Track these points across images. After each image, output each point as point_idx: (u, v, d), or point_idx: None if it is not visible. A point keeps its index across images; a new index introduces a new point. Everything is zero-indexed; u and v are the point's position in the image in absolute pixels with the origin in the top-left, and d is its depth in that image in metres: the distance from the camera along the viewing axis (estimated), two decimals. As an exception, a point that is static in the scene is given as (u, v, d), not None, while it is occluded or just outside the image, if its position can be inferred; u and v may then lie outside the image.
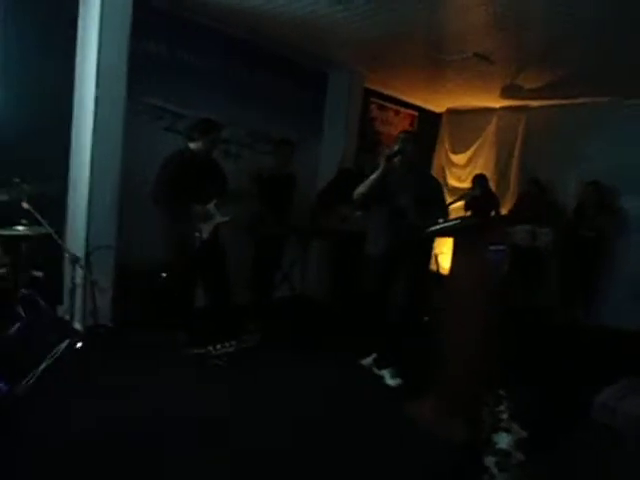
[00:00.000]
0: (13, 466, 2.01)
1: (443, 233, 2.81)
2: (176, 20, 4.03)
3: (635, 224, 5.01)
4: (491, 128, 6.24)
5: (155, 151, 3.50)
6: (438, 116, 6.82)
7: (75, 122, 3.62)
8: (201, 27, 4.20)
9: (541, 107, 5.74)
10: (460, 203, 5.48)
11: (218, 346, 3.32)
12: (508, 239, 4.69)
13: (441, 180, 6.39)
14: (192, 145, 3.34)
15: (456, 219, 2.62)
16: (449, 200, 5.44)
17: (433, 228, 2.46)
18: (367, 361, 3.45)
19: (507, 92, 5.47)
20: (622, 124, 5.05)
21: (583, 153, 5.29)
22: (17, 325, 2.89)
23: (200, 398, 2.76)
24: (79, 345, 2.83)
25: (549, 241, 4.85)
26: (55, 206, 3.41)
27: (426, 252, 4.76)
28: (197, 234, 3.29)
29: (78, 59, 3.55)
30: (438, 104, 6.56)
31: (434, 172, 6.68)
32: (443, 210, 3.41)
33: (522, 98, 5.63)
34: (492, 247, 2.42)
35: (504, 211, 5.69)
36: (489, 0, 3.23)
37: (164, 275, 3.61)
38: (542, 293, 5.23)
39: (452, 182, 6.54)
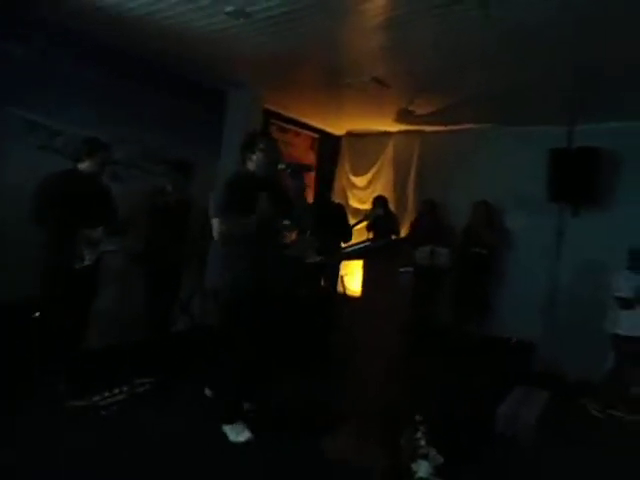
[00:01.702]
0: None
1: (352, 256, 2.72)
2: (55, 26, 3.60)
3: (519, 240, 5.43)
4: (389, 151, 6.45)
5: (27, 172, 3.08)
6: (338, 139, 6.92)
7: None
8: (85, 36, 3.79)
9: (433, 132, 6.06)
10: (362, 224, 5.57)
11: (106, 394, 2.89)
12: (412, 260, 4.83)
13: (343, 201, 6.48)
14: (80, 166, 3.10)
15: (364, 242, 2.55)
16: (353, 221, 5.53)
17: (344, 251, 2.35)
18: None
19: (401, 117, 5.72)
20: (503, 148, 5.49)
21: (471, 175, 5.65)
22: None
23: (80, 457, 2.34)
24: None
25: (447, 260, 5.05)
26: None
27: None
28: (78, 260, 2.92)
29: None
30: (338, 127, 6.66)
31: (335, 193, 6.74)
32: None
33: (415, 123, 5.91)
34: (401, 269, 2.39)
35: (403, 231, 5.86)
36: (387, 26, 3.31)
37: (37, 314, 3.09)
38: (440, 310, 5.42)
39: (354, 203, 6.63)
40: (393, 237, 5.17)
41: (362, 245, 2.47)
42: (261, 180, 2.78)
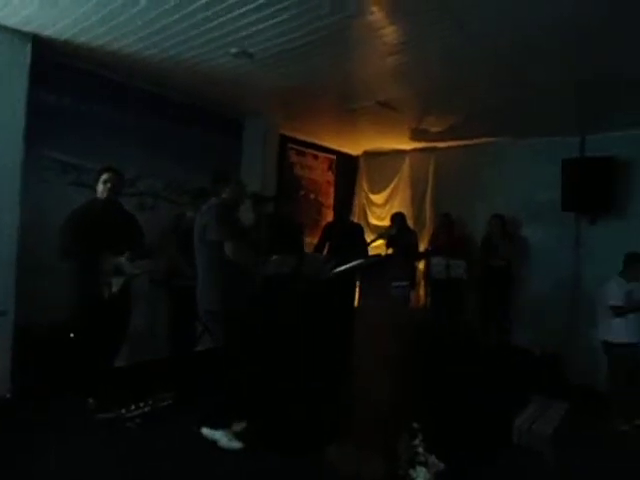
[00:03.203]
0: None
1: (350, 273, 2.88)
2: (81, 73, 4.00)
3: (538, 251, 5.42)
4: (405, 168, 6.60)
5: (62, 207, 3.39)
6: (355, 159, 7.12)
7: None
8: (109, 80, 4.19)
9: (447, 148, 6.17)
10: (381, 241, 5.71)
11: (132, 407, 3.14)
12: (415, 273, 4.91)
13: (362, 219, 6.65)
14: (97, 194, 3.34)
15: (359, 260, 2.71)
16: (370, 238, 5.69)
17: (339, 269, 2.52)
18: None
19: (415, 135, 5.88)
20: (518, 160, 5.54)
21: (487, 188, 5.71)
22: None
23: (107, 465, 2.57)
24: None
25: (463, 272, 5.11)
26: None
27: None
28: (106, 288, 3.17)
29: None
30: (354, 148, 6.87)
31: (355, 212, 6.91)
32: None
33: (429, 140, 6.05)
34: (395, 284, 2.52)
35: (422, 246, 5.96)
36: (392, 52, 3.45)
37: (72, 335, 3.39)
38: (461, 322, 5.46)
39: (373, 221, 6.78)
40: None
41: (355, 263, 2.61)
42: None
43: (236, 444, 2.87)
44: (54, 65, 3.76)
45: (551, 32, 2.99)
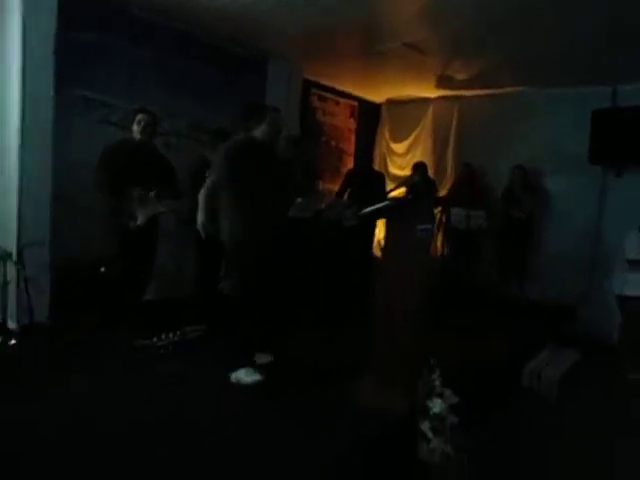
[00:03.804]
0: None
1: (375, 216, 2.93)
2: (107, 9, 3.94)
3: (561, 203, 5.39)
4: (428, 117, 6.48)
5: (90, 143, 3.48)
6: (378, 106, 7.00)
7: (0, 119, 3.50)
8: (134, 17, 4.11)
9: (472, 97, 6.02)
10: (401, 189, 5.71)
11: (163, 336, 3.33)
12: (439, 220, 4.94)
13: (382, 168, 6.62)
14: (133, 134, 3.40)
15: (385, 202, 2.75)
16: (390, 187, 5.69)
17: (365, 211, 2.57)
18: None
19: (441, 82, 5.74)
20: (544, 110, 5.41)
21: (511, 139, 5.62)
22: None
23: (144, 386, 2.78)
24: (13, 343, 2.75)
25: (482, 223, 5.13)
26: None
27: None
28: (132, 220, 3.30)
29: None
30: (377, 95, 6.73)
31: (376, 160, 6.87)
32: None
33: (455, 88, 5.90)
34: (419, 227, 2.57)
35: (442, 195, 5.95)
36: None
37: (103, 270, 3.55)
38: (479, 271, 5.54)
39: (393, 170, 6.75)
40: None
41: (382, 204, 2.66)
42: (264, 146, 3.02)
43: (256, 376, 2.89)
44: (80, 2, 3.70)
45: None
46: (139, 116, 3.38)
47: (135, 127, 3.38)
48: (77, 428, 2.29)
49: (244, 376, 2.90)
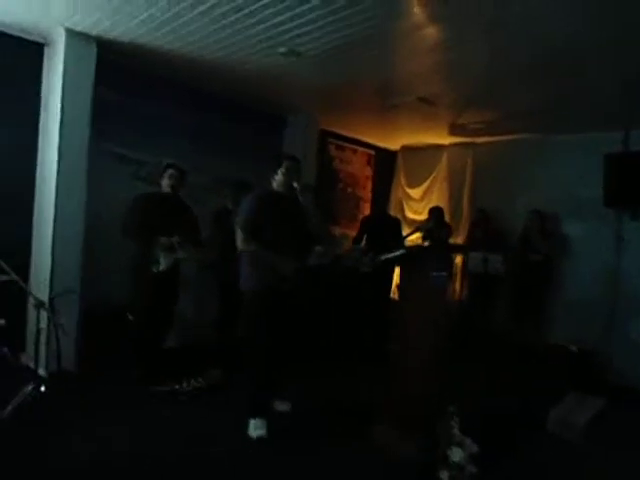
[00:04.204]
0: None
1: (391, 263, 3.01)
2: (139, 72, 4.28)
3: (577, 247, 5.40)
4: (443, 163, 6.64)
5: (121, 194, 3.72)
6: (393, 153, 7.21)
7: (39, 171, 3.78)
8: (163, 78, 4.47)
9: (486, 142, 6.18)
10: (417, 235, 5.80)
11: (184, 383, 3.41)
12: (454, 265, 4.98)
13: (399, 213, 6.75)
14: (162, 185, 3.64)
15: (401, 250, 2.84)
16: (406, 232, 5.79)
17: (381, 258, 2.66)
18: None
19: (454, 131, 5.93)
20: (558, 156, 5.51)
21: (526, 183, 5.71)
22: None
23: (162, 433, 2.85)
24: (43, 389, 2.86)
25: (500, 267, 5.15)
26: (19, 251, 3.52)
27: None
28: (155, 265, 3.46)
29: (42, 113, 3.73)
30: (393, 142, 6.95)
31: (392, 205, 7.02)
32: None
33: (468, 135, 6.08)
34: (434, 273, 2.65)
35: (459, 240, 6.02)
36: (432, 50, 3.55)
37: (130, 317, 3.68)
38: (497, 316, 5.50)
39: (410, 215, 6.86)
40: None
41: (398, 252, 2.74)
42: (280, 196, 3.10)
43: (259, 432, 2.88)
44: (114, 65, 4.02)
45: (594, 30, 3.03)
46: (169, 171, 3.61)
47: (165, 181, 3.60)
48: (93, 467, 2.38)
49: (251, 429, 2.91)
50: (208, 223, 4.09)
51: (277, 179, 3.09)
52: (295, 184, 3.02)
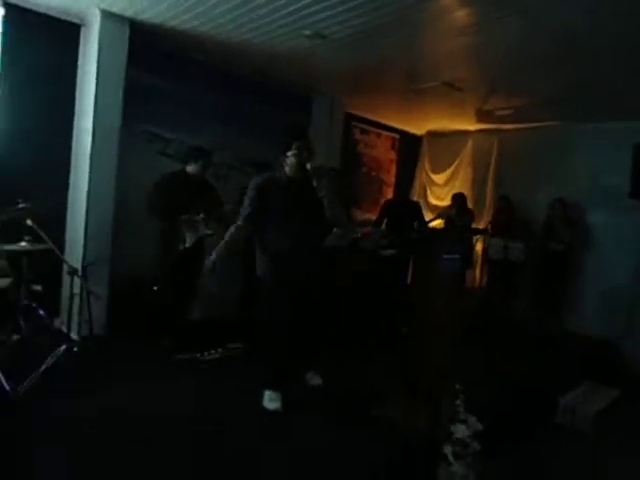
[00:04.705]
0: (15, 461, 2.21)
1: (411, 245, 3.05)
2: (168, 53, 4.41)
3: (601, 236, 5.34)
4: (467, 149, 6.61)
5: (148, 171, 3.87)
6: (418, 138, 7.19)
7: (74, 148, 3.98)
8: (192, 60, 4.58)
9: (512, 130, 6.11)
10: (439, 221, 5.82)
11: (205, 353, 3.59)
12: (472, 252, 4.99)
13: (422, 198, 6.76)
14: (188, 168, 3.76)
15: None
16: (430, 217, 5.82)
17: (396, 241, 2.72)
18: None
19: (480, 117, 5.88)
20: (584, 144, 5.42)
21: (550, 172, 5.64)
22: (17, 336, 3.15)
23: (183, 396, 3.04)
24: (75, 350, 3.08)
25: (520, 255, 5.15)
26: (55, 223, 3.74)
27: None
28: (182, 242, 3.62)
29: (77, 92, 3.92)
30: (418, 127, 6.94)
31: (415, 191, 7.03)
32: None
33: (494, 122, 6.02)
34: (446, 256, 2.70)
35: (480, 226, 6.01)
36: (459, 34, 3.54)
37: (155, 288, 3.87)
38: (517, 303, 5.51)
39: (432, 200, 6.87)
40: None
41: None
42: (290, 180, 3.01)
43: (273, 404, 2.92)
44: (145, 46, 4.14)
45: (621, 15, 2.97)
46: (200, 161, 3.73)
47: (194, 167, 3.73)
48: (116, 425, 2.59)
49: (266, 401, 2.96)
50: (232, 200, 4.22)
51: (289, 163, 2.98)
52: (308, 165, 2.93)
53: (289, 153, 2.95)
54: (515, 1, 2.96)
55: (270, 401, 2.97)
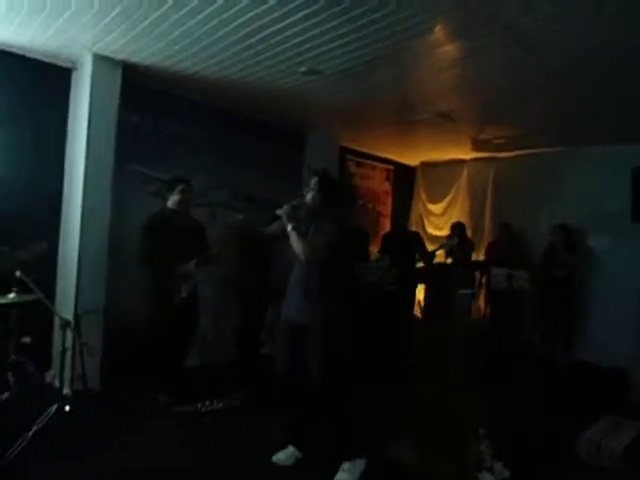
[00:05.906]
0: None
1: (416, 279, 2.95)
2: (162, 93, 4.36)
3: (604, 262, 5.26)
4: (463, 178, 6.60)
5: (144, 214, 3.71)
6: (413, 169, 7.19)
7: (66, 193, 3.85)
8: (185, 99, 4.53)
9: (508, 157, 6.12)
10: (441, 251, 5.73)
11: (207, 403, 3.38)
12: (480, 282, 4.87)
13: (420, 229, 6.69)
14: (168, 203, 3.60)
15: (425, 267, 2.78)
16: (430, 247, 5.73)
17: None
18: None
19: (475, 146, 5.89)
20: (581, 170, 5.42)
21: (550, 197, 5.62)
22: (6, 394, 2.93)
23: (186, 452, 2.84)
24: (67, 409, 2.86)
25: (525, 283, 5.04)
26: (45, 272, 3.56)
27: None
28: (177, 293, 3.47)
29: (69, 136, 3.83)
30: (412, 158, 6.95)
31: (413, 221, 6.96)
32: None
33: (489, 150, 6.03)
34: (461, 291, 2.58)
35: (480, 256, 5.92)
36: (451, 66, 3.55)
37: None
38: (522, 333, 5.37)
39: (431, 230, 6.80)
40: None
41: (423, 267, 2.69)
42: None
43: (287, 460, 2.78)
44: (138, 87, 4.09)
45: (610, 44, 2.98)
46: (180, 186, 3.56)
47: (176, 197, 3.54)
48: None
49: (283, 457, 2.80)
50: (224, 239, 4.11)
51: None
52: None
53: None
54: (508, 33, 2.95)
55: (284, 456, 2.78)
